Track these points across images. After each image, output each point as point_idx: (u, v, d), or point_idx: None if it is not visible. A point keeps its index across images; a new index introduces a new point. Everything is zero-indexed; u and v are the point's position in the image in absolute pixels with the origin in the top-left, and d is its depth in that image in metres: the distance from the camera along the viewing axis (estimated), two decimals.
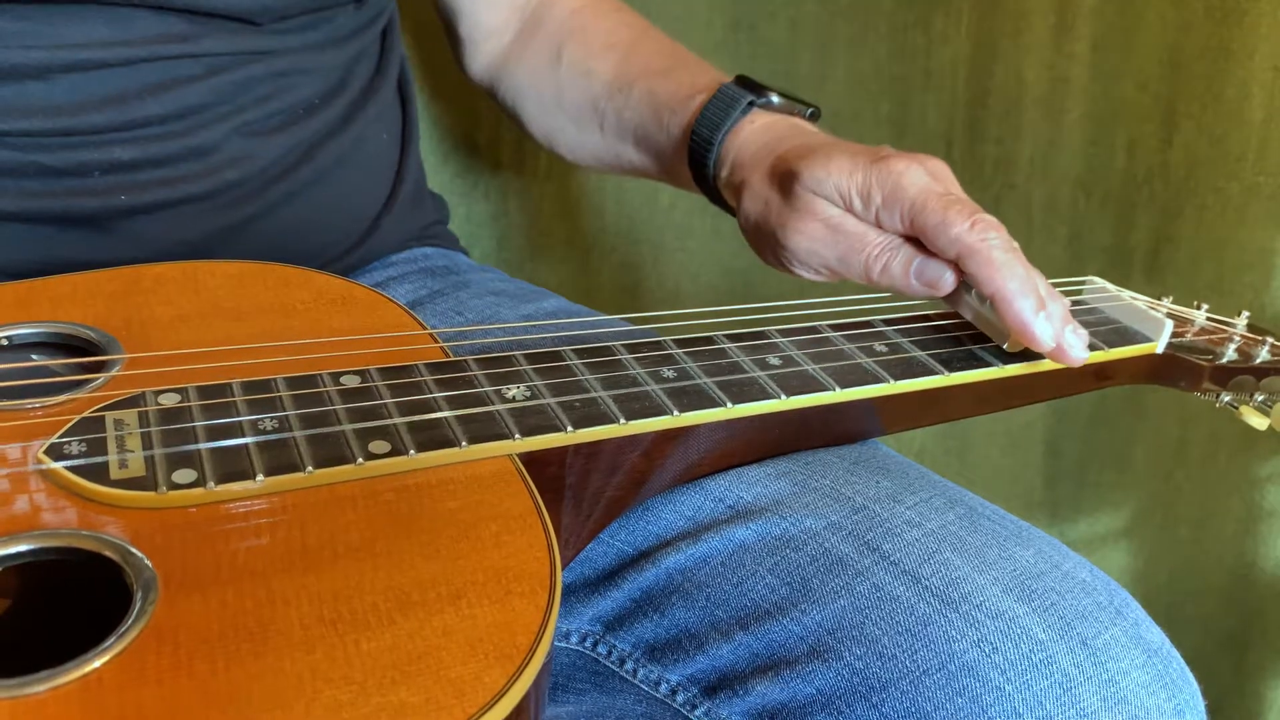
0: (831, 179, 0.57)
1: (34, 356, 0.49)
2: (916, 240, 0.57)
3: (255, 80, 0.62)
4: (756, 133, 0.64)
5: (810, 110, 0.66)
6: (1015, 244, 0.55)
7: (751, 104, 0.65)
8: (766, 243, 0.63)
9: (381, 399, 0.47)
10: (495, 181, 1.02)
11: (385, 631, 0.36)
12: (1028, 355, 0.57)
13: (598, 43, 0.76)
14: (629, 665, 0.55)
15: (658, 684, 0.54)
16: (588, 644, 0.56)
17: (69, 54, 0.56)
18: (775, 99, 0.66)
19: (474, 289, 0.72)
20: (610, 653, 0.56)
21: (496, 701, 0.34)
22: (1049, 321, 0.54)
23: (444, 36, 0.82)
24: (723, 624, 0.52)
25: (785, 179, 0.60)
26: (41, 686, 0.33)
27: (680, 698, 0.53)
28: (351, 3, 0.67)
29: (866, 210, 0.57)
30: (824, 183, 0.58)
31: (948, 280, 0.57)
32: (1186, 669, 0.50)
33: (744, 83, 0.66)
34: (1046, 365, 0.57)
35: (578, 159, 0.79)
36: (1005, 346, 0.57)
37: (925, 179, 0.56)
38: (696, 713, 0.52)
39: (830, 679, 0.49)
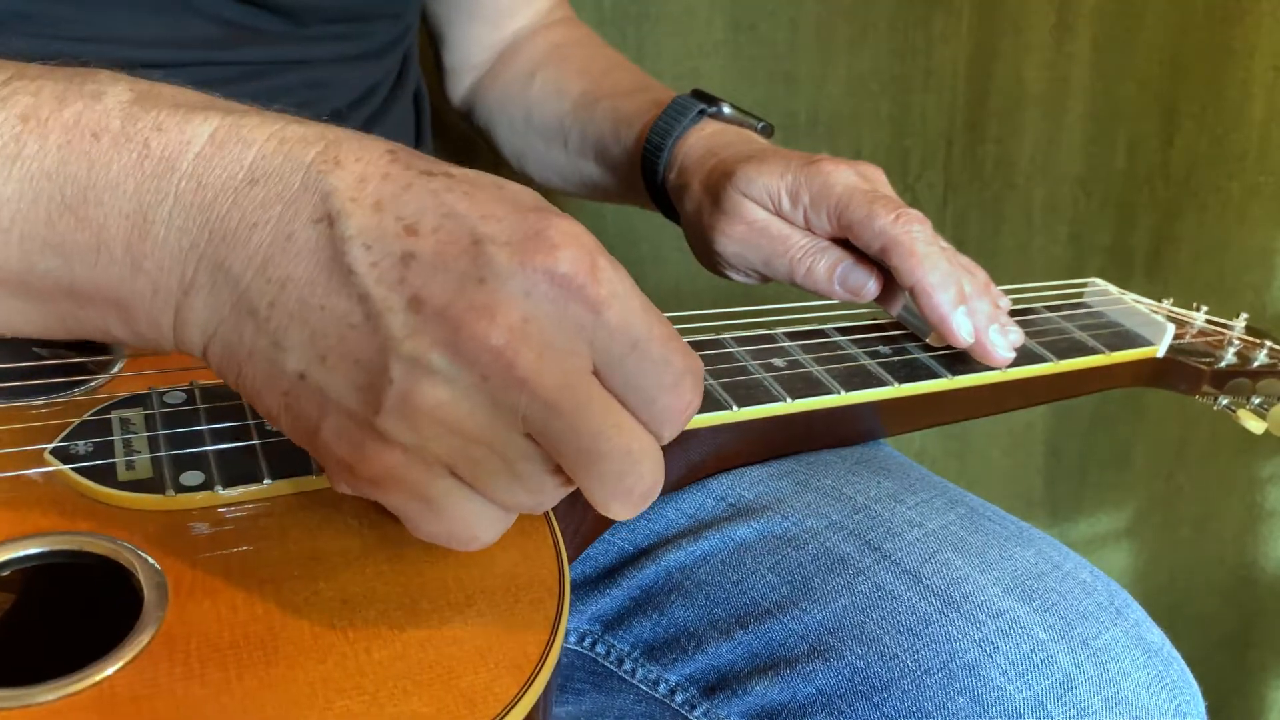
0: (762, 179, 0.58)
1: (35, 350, 0.49)
2: (843, 245, 0.57)
3: (288, 89, 0.62)
4: (704, 139, 0.65)
5: (761, 124, 0.67)
6: (942, 240, 0.55)
7: (702, 112, 0.66)
8: (700, 245, 0.63)
9: None
10: None
11: (396, 640, 0.36)
12: (1028, 358, 0.57)
13: (573, 67, 0.77)
14: (628, 665, 0.55)
15: (656, 684, 0.54)
16: (586, 643, 0.57)
17: (119, 51, 0.56)
18: (727, 110, 0.67)
19: None
20: (609, 652, 0.56)
21: (508, 712, 0.34)
22: (968, 317, 0.54)
23: None
24: (722, 623, 0.52)
25: (719, 181, 0.60)
26: (54, 695, 0.33)
27: (679, 697, 0.53)
28: (389, 16, 0.67)
29: (794, 210, 0.57)
30: (754, 183, 0.58)
31: (870, 287, 0.57)
32: (1187, 669, 0.50)
33: (698, 95, 0.67)
34: (1048, 368, 0.57)
35: (545, 179, 0.80)
36: (929, 340, 0.57)
37: (853, 178, 0.56)
38: (695, 713, 0.52)
39: (831, 678, 0.49)
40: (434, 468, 0.33)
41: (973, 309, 0.54)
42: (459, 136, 0.99)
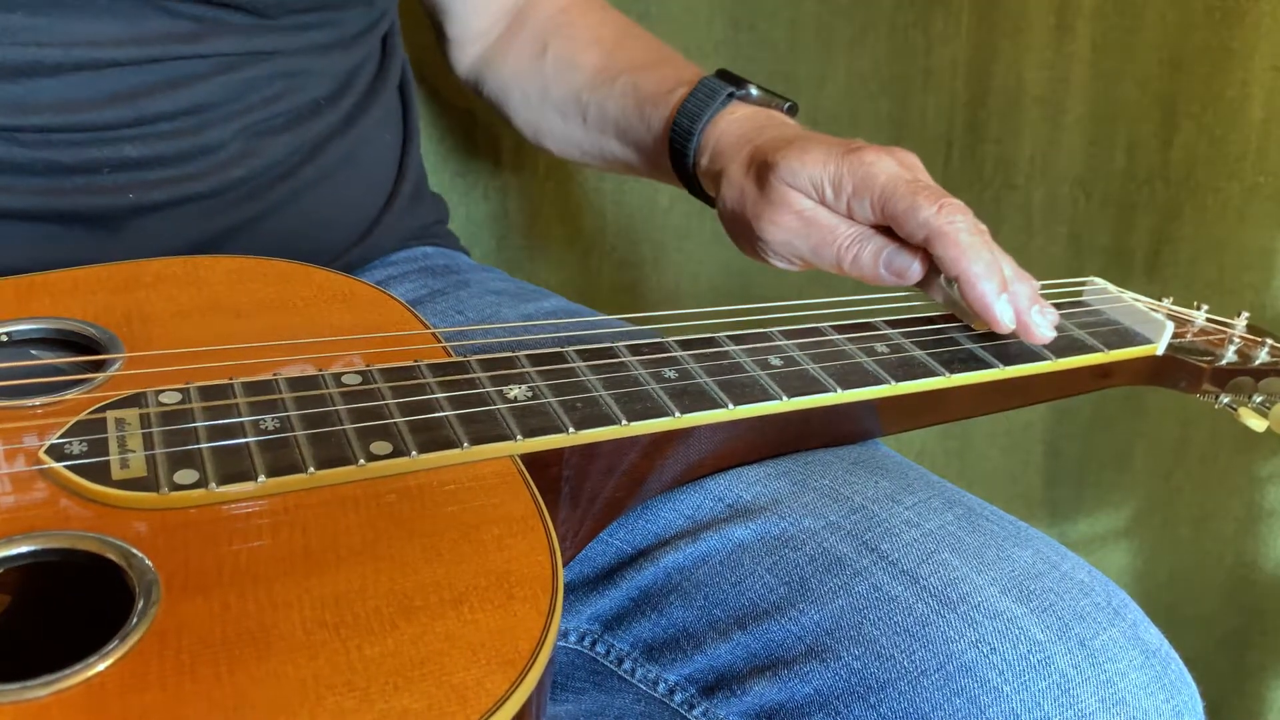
0: (806, 170, 0.59)
1: (33, 352, 0.49)
2: (887, 232, 0.58)
3: (262, 80, 0.62)
4: (735, 123, 0.66)
5: (788, 104, 0.67)
6: (983, 227, 0.56)
7: (731, 95, 0.67)
8: (743, 232, 0.64)
9: (383, 399, 0.47)
10: (495, 181, 1.02)
11: (388, 636, 0.36)
12: (1026, 355, 0.57)
13: (583, 37, 0.77)
14: (627, 665, 0.55)
15: (656, 683, 0.54)
16: (586, 643, 0.57)
17: (82, 52, 0.56)
18: (754, 91, 0.67)
19: (474, 288, 0.72)
20: (609, 652, 0.56)
21: (499, 708, 0.34)
22: (1010, 303, 0.56)
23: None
24: (721, 623, 0.52)
25: (761, 170, 0.61)
26: (44, 690, 0.33)
27: (678, 697, 0.53)
28: (362, 3, 0.67)
29: (838, 200, 0.58)
30: (799, 174, 0.59)
31: (915, 270, 0.58)
32: (1184, 670, 0.50)
33: (724, 76, 0.68)
34: (1046, 366, 0.57)
35: (564, 153, 0.80)
36: (973, 327, 0.59)
37: (895, 167, 0.57)
38: (694, 712, 0.53)
39: (828, 679, 0.49)
40: None
41: (1013, 293, 0.56)
42: (459, 131, 0.99)
